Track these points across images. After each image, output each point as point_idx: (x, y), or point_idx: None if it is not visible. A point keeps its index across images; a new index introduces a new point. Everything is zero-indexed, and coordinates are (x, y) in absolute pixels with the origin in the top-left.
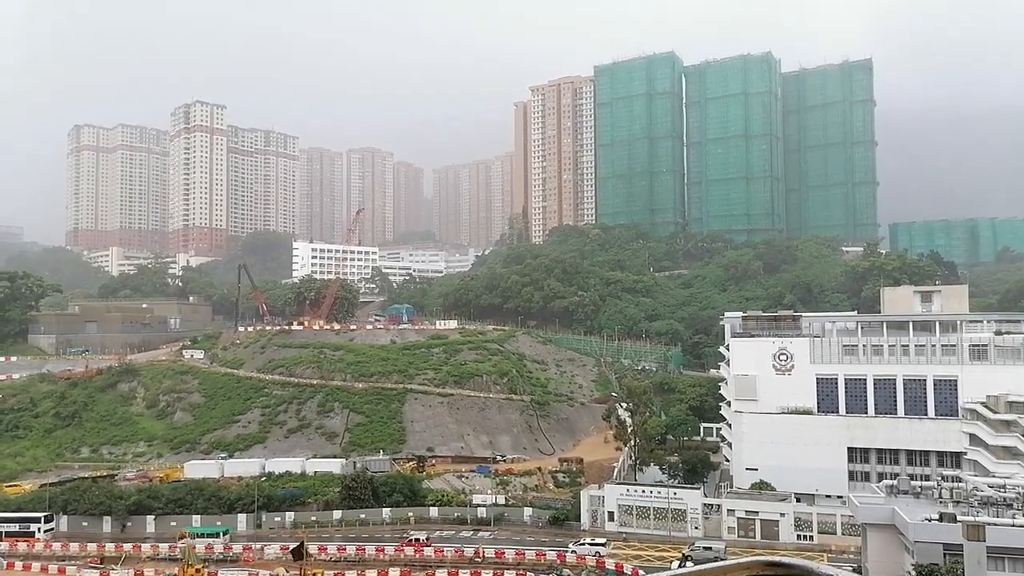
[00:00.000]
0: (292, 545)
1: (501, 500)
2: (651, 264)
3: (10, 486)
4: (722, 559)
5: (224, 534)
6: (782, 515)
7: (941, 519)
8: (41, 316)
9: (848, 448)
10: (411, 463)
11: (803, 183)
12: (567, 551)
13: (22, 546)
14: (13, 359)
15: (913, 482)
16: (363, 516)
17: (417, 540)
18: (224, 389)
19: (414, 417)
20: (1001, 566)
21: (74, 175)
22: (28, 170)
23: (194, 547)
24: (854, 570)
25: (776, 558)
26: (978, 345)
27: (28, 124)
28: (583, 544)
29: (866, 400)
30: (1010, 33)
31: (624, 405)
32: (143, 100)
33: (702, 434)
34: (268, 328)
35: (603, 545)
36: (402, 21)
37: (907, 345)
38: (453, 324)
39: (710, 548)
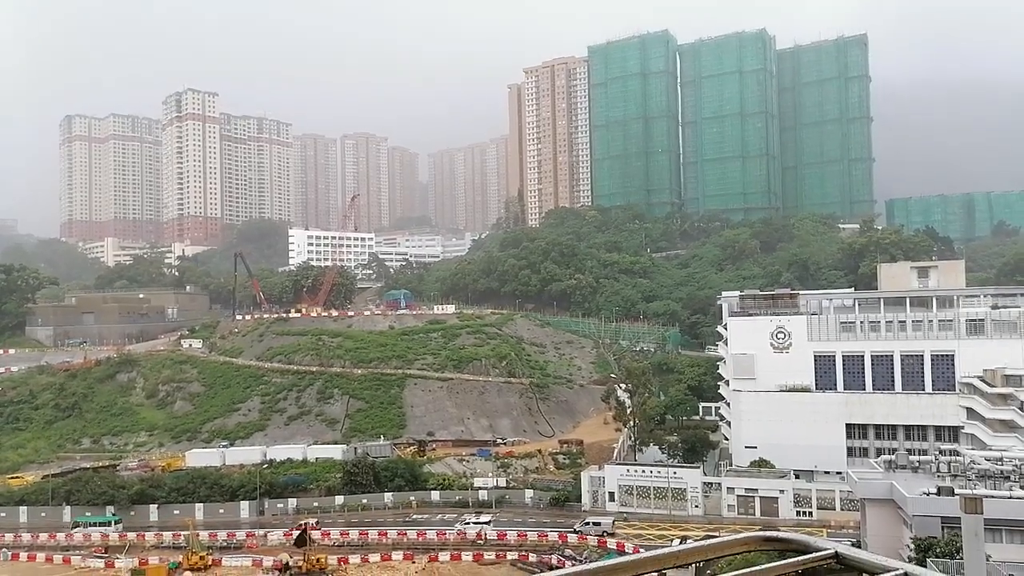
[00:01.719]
0: (295, 532)
1: (502, 483)
2: (648, 245)
3: (13, 478)
4: (608, 532)
5: (116, 523)
6: (781, 492)
7: (939, 493)
8: (38, 308)
9: (846, 424)
10: (412, 448)
11: (799, 161)
12: (455, 529)
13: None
14: (11, 352)
15: (911, 457)
16: (365, 501)
17: (306, 524)
18: (223, 378)
19: (414, 402)
20: (999, 538)
21: (67, 166)
22: (21, 162)
23: (197, 535)
24: (853, 544)
25: (774, 533)
26: (975, 320)
27: (20, 116)
28: (468, 523)
29: (864, 376)
30: (1005, 6)
31: (623, 386)
32: (134, 90)
33: (701, 413)
34: (266, 316)
35: (488, 523)
36: (393, 5)
37: (904, 321)
38: (451, 309)
39: (599, 523)
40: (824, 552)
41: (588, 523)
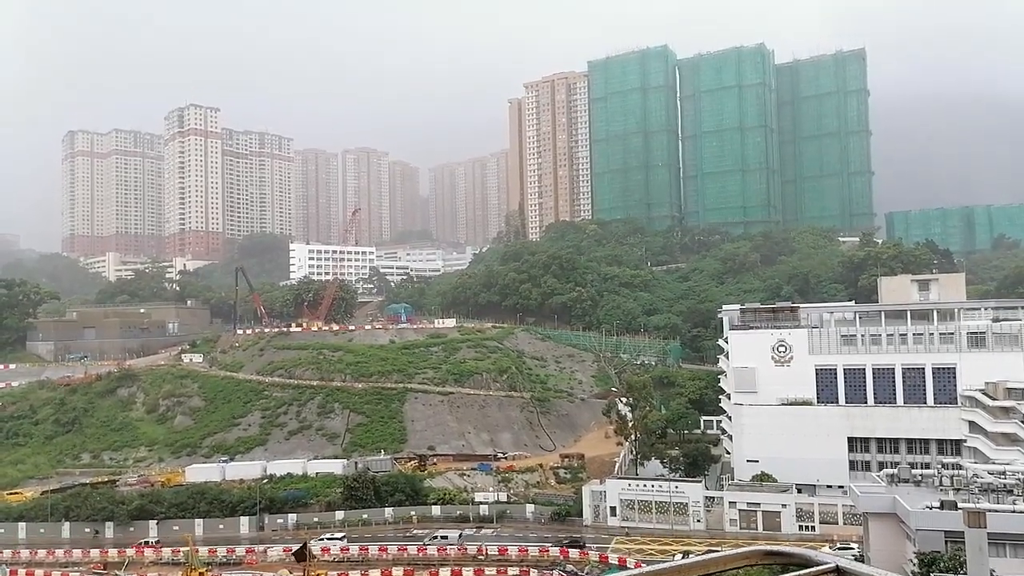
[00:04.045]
0: (295, 547)
1: (503, 497)
2: (648, 258)
3: (12, 493)
4: (457, 546)
5: None
6: (784, 506)
7: (942, 507)
8: (39, 323)
9: (848, 438)
10: (412, 462)
11: (799, 174)
12: (314, 544)
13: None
14: (12, 367)
15: (914, 470)
16: (365, 516)
17: (146, 543)
18: (224, 392)
19: (414, 416)
20: (1002, 552)
21: (69, 181)
22: (23, 177)
23: (197, 550)
24: (855, 559)
25: (775, 547)
26: (976, 332)
27: (23, 131)
28: (322, 539)
29: (865, 390)
30: (1003, 20)
31: (624, 400)
32: (136, 106)
33: (702, 427)
34: (267, 330)
35: (342, 539)
36: (394, 21)
37: (905, 334)
38: (451, 322)
39: (446, 536)
40: (825, 566)
41: (436, 536)
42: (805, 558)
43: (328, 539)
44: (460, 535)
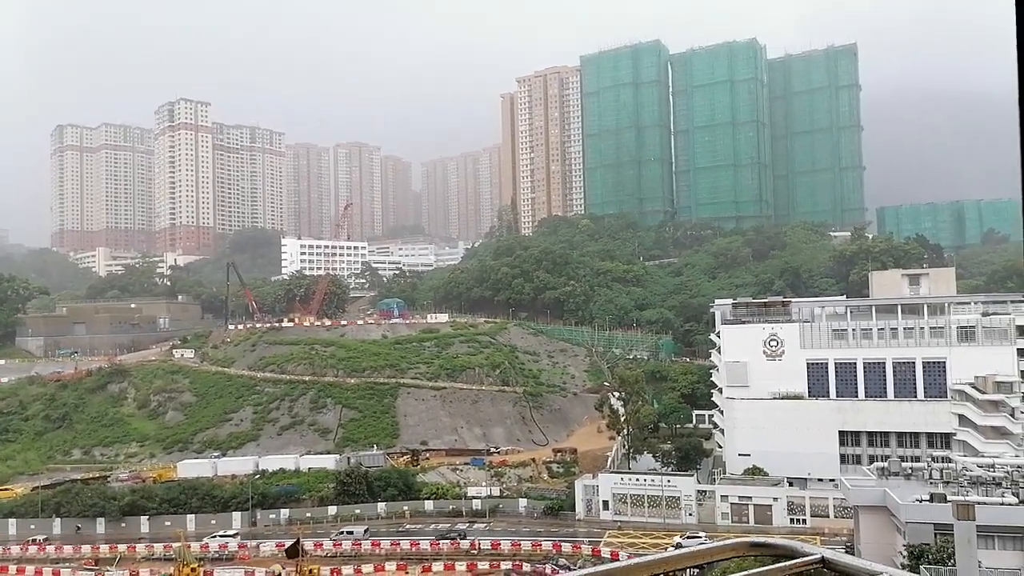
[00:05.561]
0: (288, 542)
1: (496, 492)
2: (641, 253)
3: (2, 490)
4: (362, 539)
5: None
6: (775, 500)
7: (932, 499)
8: (28, 319)
9: (839, 432)
10: (405, 457)
11: (790, 169)
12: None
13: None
14: (1, 362)
15: (904, 464)
16: (358, 511)
17: (33, 540)
18: (215, 388)
19: (407, 411)
20: (991, 544)
21: (58, 176)
22: (12, 172)
23: (189, 546)
24: (845, 551)
25: (761, 539)
26: (966, 327)
27: (11, 126)
28: (215, 537)
29: (856, 384)
30: (994, 16)
31: (616, 394)
32: (134, 105)
33: (694, 421)
34: (258, 326)
35: (234, 536)
36: (389, 19)
37: (896, 328)
38: (444, 317)
39: (352, 532)
40: (811, 557)
41: (342, 532)
42: (791, 549)
43: (220, 536)
44: (365, 530)
